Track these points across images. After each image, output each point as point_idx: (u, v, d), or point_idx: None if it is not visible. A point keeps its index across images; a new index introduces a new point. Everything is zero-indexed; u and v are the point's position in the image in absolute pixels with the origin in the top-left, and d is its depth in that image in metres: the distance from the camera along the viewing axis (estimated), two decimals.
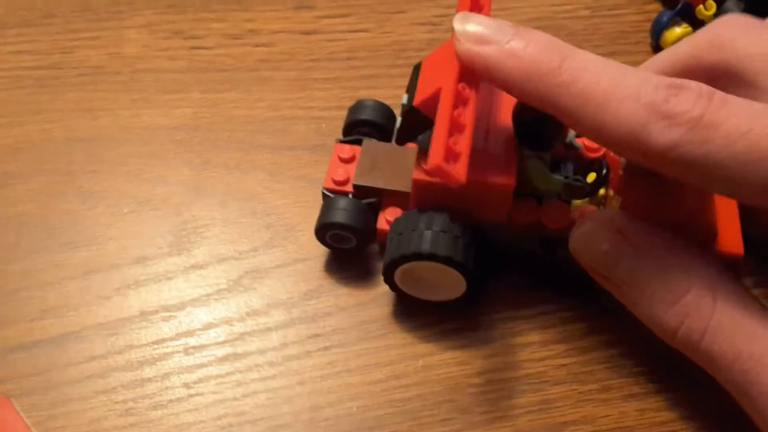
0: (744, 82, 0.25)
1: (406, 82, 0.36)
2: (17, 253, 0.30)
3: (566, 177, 0.27)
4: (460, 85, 0.24)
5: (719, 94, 0.21)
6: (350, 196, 0.29)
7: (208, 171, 0.33)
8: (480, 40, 0.23)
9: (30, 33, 0.38)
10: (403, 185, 0.28)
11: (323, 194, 0.29)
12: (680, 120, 0.20)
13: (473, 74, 0.24)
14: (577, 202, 0.28)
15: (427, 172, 0.26)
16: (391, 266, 0.27)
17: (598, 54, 0.22)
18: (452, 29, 0.23)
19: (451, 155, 0.23)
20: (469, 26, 0.23)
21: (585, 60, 0.22)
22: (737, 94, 0.25)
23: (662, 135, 0.21)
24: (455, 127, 0.23)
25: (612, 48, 0.39)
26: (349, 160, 0.29)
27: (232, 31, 0.38)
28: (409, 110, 0.26)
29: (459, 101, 0.24)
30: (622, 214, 0.26)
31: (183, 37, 0.38)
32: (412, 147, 0.29)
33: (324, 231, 0.28)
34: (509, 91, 0.23)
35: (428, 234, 0.26)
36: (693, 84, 0.21)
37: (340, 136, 0.32)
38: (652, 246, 0.24)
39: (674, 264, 0.24)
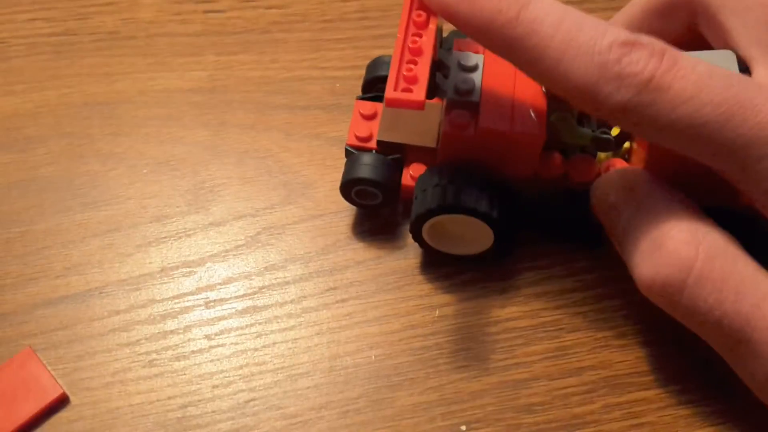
0: (709, 14, 0.25)
1: None
2: (41, 214, 0.31)
3: (593, 130, 0.27)
4: (416, 13, 0.24)
5: (670, 54, 0.21)
6: (374, 152, 0.29)
7: (225, 131, 0.33)
8: None
9: (45, 1, 0.38)
10: (426, 141, 0.28)
11: (347, 151, 0.29)
12: (630, 82, 0.21)
13: None
14: (602, 155, 0.28)
15: (458, 127, 0.26)
16: (419, 221, 0.27)
17: None
18: None
19: (407, 82, 0.23)
20: None
21: (542, 10, 0.21)
22: (701, 25, 0.25)
23: (612, 95, 0.21)
24: (411, 54, 0.24)
25: None
26: (371, 117, 0.29)
27: None
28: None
29: (415, 28, 0.24)
30: (635, 169, 0.26)
31: (196, 1, 0.38)
32: (434, 103, 0.29)
33: (350, 187, 0.29)
34: (467, 35, 0.23)
35: (455, 187, 0.26)
36: (646, 41, 0.21)
37: (355, 96, 0.32)
38: (650, 200, 0.24)
39: (664, 216, 0.23)
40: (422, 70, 0.23)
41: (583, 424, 0.26)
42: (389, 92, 0.23)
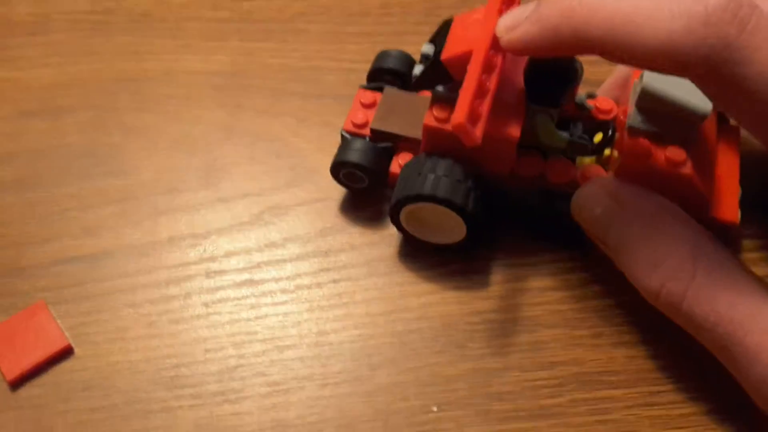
0: None
1: None
2: (65, 179, 0.33)
3: (572, 135, 0.28)
4: (491, 52, 0.25)
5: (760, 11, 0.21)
6: (367, 139, 0.30)
7: (240, 114, 0.35)
8: (510, 27, 0.25)
9: None
10: (417, 133, 0.30)
11: (342, 135, 0.31)
12: (717, 33, 0.20)
13: None
14: (586, 160, 0.29)
15: (439, 120, 0.27)
16: (397, 207, 0.28)
17: None
18: None
19: (473, 117, 0.24)
20: (501, 23, 0.25)
21: None
22: None
23: (697, 49, 0.21)
24: (480, 91, 0.25)
25: None
26: (369, 105, 0.31)
27: None
28: (434, 62, 0.27)
29: (487, 67, 0.25)
30: (617, 179, 0.27)
31: None
32: (427, 96, 0.30)
33: (338, 169, 0.30)
34: (550, 53, 0.24)
35: (431, 177, 0.27)
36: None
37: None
38: (640, 211, 0.25)
39: (659, 229, 0.25)
40: (485, 110, 0.25)
41: (549, 416, 0.27)
42: (459, 117, 0.24)
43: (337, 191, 0.32)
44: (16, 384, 0.28)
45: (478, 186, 0.28)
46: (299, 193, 0.33)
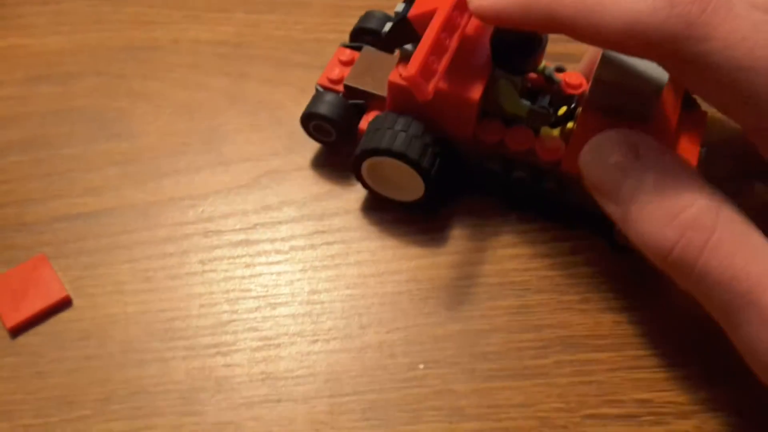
0: None
1: None
2: (70, 141, 0.34)
3: (536, 104, 0.28)
4: (455, 12, 0.26)
5: None
6: (340, 95, 0.31)
7: (244, 83, 0.36)
8: None
9: None
10: (386, 91, 0.30)
11: (316, 89, 0.32)
12: (681, 11, 0.21)
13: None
14: (554, 132, 0.29)
15: (403, 78, 0.28)
16: (357, 161, 0.29)
17: None
18: None
19: (426, 72, 0.25)
20: None
21: None
22: None
23: (662, 26, 0.21)
24: (438, 49, 0.25)
25: None
26: (347, 63, 0.32)
27: None
28: (401, 20, 0.28)
29: (448, 26, 0.26)
30: (636, 131, 0.25)
31: None
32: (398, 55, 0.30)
33: (308, 120, 0.31)
34: (518, 27, 0.25)
35: (389, 132, 0.28)
36: None
37: None
38: (661, 162, 0.24)
39: (678, 180, 0.24)
40: (441, 68, 0.25)
41: (533, 375, 0.27)
42: (411, 70, 0.24)
43: (334, 158, 0.33)
44: (16, 332, 0.28)
45: (436, 144, 0.28)
46: (297, 159, 0.33)
